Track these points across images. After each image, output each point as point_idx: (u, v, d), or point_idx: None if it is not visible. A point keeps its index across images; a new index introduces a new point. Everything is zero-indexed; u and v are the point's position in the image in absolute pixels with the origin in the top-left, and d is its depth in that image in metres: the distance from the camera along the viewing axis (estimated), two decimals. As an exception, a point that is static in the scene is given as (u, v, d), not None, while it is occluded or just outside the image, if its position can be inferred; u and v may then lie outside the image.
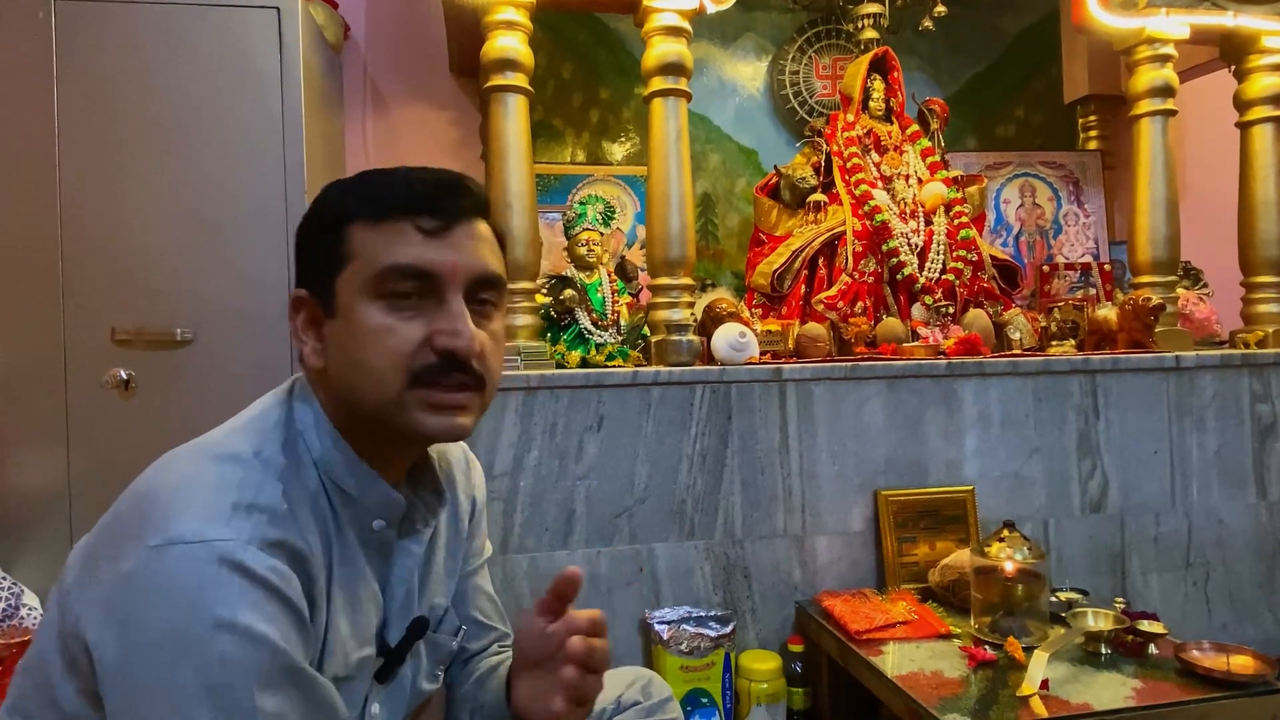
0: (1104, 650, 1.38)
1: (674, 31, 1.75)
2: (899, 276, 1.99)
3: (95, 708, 0.66)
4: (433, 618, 0.90)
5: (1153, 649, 1.38)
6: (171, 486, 0.68)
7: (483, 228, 0.77)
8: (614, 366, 1.70)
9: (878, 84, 2.16)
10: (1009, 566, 1.42)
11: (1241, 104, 2.14)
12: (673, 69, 1.76)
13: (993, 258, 2.13)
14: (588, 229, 1.83)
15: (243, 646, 0.62)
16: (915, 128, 2.18)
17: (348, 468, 0.76)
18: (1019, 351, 1.93)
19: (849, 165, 2.08)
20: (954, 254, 2.03)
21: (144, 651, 0.62)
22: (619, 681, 1.09)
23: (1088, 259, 2.55)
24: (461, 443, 0.99)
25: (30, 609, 1.58)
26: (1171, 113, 2.04)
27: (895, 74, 2.18)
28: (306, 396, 0.78)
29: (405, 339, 0.72)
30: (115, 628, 0.63)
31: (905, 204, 2.06)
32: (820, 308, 1.95)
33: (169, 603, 0.62)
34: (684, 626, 1.57)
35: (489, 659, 0.99)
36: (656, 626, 1.57)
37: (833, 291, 1.97)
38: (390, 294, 0.72)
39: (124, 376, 1.74)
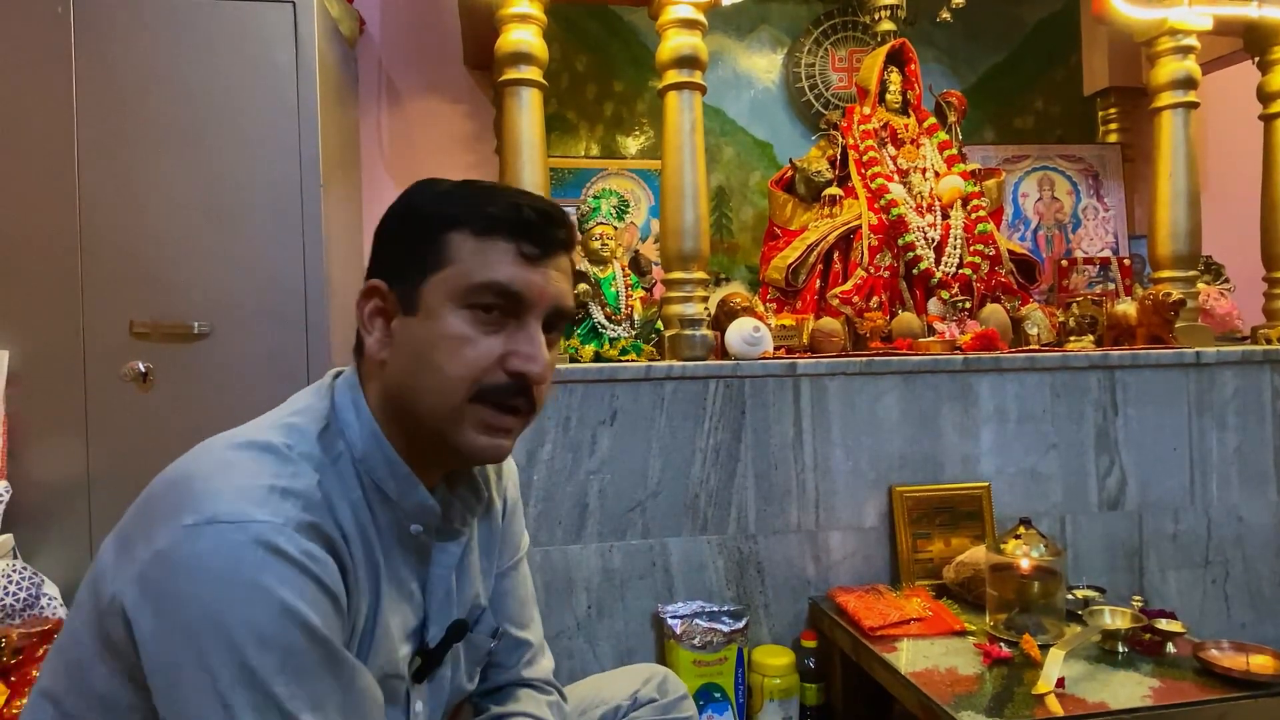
0: (1121, 649, 1.36)
1: (689, 24, 1.74)
2: (915, 271, 1.98)
3: (130, 689, 0.67)
4: (471, 617, 0.90)
5: (1170, 648, 1.37)
6: (205, 471, 0.69)
7: (567, 263, 0.82)
8: (627, 361, 1.70)
9: (894, 76, 2.14)
10: (1025, 563, 1.41)
11: (1265, 96, 2.11)
12: (687, 62, 1.75)
13: (1010, 252, 2.11)
14: (601, 223, 1.83)
15: (277, 627, 0.62)
16: (932, 120, 2.16)
17: (388, 468, 0.77)
18: (1036, 347, 1.91)
19: (865, 158, 2.06)
20: (971, 248, 2.01)
21: (180, 632, 0.62)
22: (634, 678, 1.10)
23: (1107, 253, 2.52)
24: None
25: (50, 599, 1.60)
26: (1193, 105, 2.01)
27: (912, 66, 2.16)
28: (353, 391, 0.79)
29: (483, 352, 0.75)
30: (151, 604, 0.63)
31: (922, 198, 2.04)
32: (835, 302, 1.94)
33: (204, 581, 0.62)
34: (697, 621, 1.57)
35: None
36: (669, 621, 1.57)
37: (848, 286, 1.96)
38: (477, 305, 0.74)
39: (142, 369, 1.76)
